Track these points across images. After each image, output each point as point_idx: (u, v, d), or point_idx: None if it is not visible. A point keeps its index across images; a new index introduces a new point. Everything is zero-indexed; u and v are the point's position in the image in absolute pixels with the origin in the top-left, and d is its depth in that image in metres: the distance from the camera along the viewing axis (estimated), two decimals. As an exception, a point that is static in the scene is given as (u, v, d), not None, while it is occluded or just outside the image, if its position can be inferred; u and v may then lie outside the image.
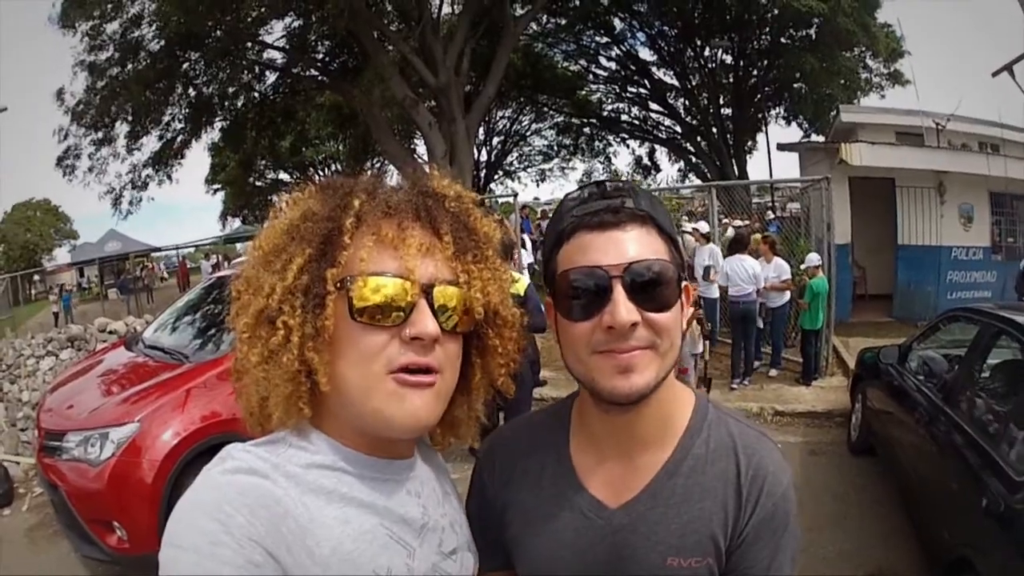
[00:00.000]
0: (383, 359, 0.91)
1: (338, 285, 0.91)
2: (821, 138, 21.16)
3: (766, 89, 26.75)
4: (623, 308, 0.98)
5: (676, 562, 1.06)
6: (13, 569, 5.38)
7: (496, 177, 35.24)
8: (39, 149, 32.66)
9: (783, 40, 23.41)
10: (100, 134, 20.04)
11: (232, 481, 0.83)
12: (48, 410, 5.37)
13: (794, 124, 28.05)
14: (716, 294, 9.78)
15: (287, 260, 0.93)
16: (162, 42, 18.07)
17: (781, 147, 19.23)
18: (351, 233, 0.93)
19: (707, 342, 8.64)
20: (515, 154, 36.42)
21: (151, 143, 21.27)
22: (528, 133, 35.12)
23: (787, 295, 9.27)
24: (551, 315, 1.12)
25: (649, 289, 1.01)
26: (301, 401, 0.93)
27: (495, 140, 34.33)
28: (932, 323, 6.01)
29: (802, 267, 9.24)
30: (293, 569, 0.81)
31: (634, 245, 1.02)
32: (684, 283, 1.09)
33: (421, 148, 23.79)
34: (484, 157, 33.56)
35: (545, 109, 32.38)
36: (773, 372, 9.46)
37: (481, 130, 28.45)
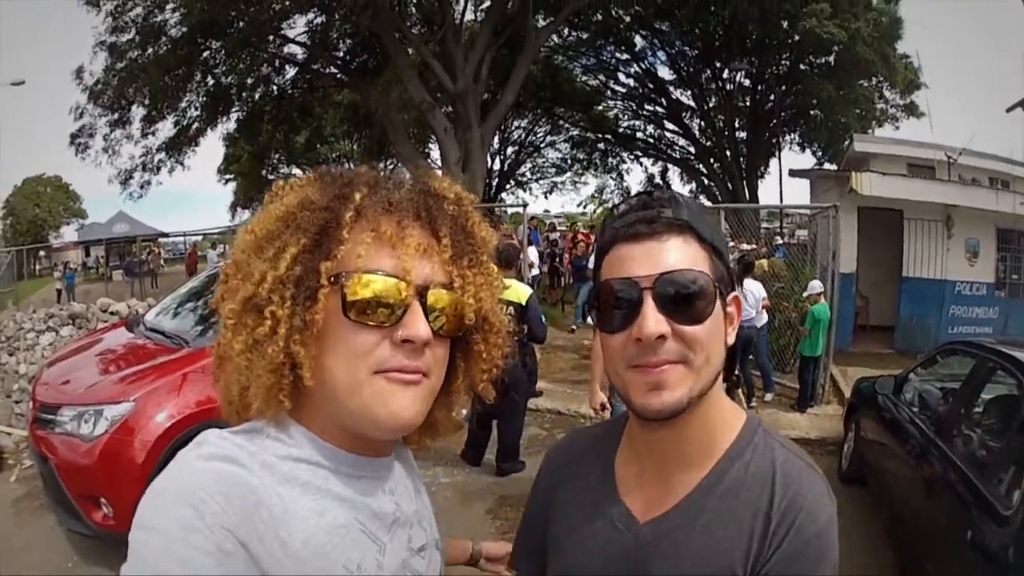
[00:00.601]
0: (372, 359, 0.90)
1: (332, 279, 0.89)
2: (834, 166, 21.19)
3: (782, 114, 26.79)
4: (651, 320, 0.98)
5: None
6: (-3, 538, 5.39)
7: (508, 186, 35.32)
8: (54, 125, 32.67)
9: (802, 66, 23.51)
10: (116, 115, 20.13)
11: (207, 468, 0.82)
12: (44, 383, 5.39)
13: (808, 151, 28.15)
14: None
15: (280, 248, 0.91)
16: (184, 28, 18.12)
17: (793, 173, 19.31)
18: (350, 227, 0.91)
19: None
20: (528, 165, 36.49)
21: (166, 128, 21.39)
22: (543, 145, 35.22)
23: (765, 316, 9.26)
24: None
25: (681, 301, 0.99)
26: (282, 393, 0.91)
27: (509, 150, 34.40)
28: (929, 355, 6.00)
29: (804, 294, 9.23)
30: (264, 559, 0.80)
31: (668, 255, 1.01)
32: (732, 295, 1.08)
33: (435, 153, 23.86)
34: (497, 166, 33.64)
35: (561, 122, 32.47)
36: (768, 396, 9.42)
37: (496, 139, 28.50)
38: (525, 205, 14.35)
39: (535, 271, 15.68)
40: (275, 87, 23.02)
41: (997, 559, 3.10)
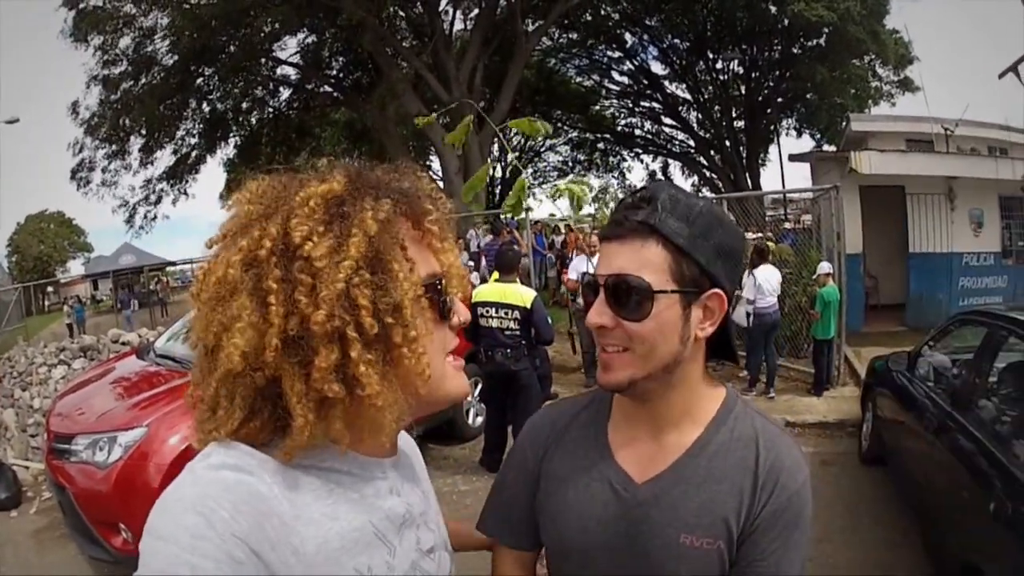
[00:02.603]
0: (446, 348, 1.01)
1: (427, 289, 0.97)
2: (833, 148, 21.13)
3: (778, 100, 26.79)
4: (594, 311, 1.14)
5: (689, 540, 1.12)
6: (17, 569, 5.43)
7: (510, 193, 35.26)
8: (52, 161, 33.09)
9: (794, 50, 23.50)
10: (114, 147, 20.27)
11: (216, 477, 0.83)
12: (58, 414, 5.42)
13: (806, 135, 28.20)
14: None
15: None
16: (175, 56, 18.29)
17: (792, 158, 19.19)
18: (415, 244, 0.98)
19: None
20: (530, 170, 36.49)
21: (165, 158, 21.54)
22: (543, 149, 35.24)
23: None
24: None
25: (623, 299, 1.11)
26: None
27: (509, 157, 34.38)
28: (942, 327, 5.92)
29: (813, 276, 9.18)
30: (277, 566, 0.81)
31: (620, 258, 1.12)
32: (710, 292, 1.15)
33: (436, 165, 23.97)
34: (499, 173, 33.70)
35: (559, 125, 32.51)
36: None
37: (495, 147, 28.58)
38: (528, 210, 14.37)
39: (550, 272, 15.90)
40: (271, 110, 23.22)
41: (1019, 527, 3.06)
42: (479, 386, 7.16)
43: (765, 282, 8.72)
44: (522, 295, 6.08)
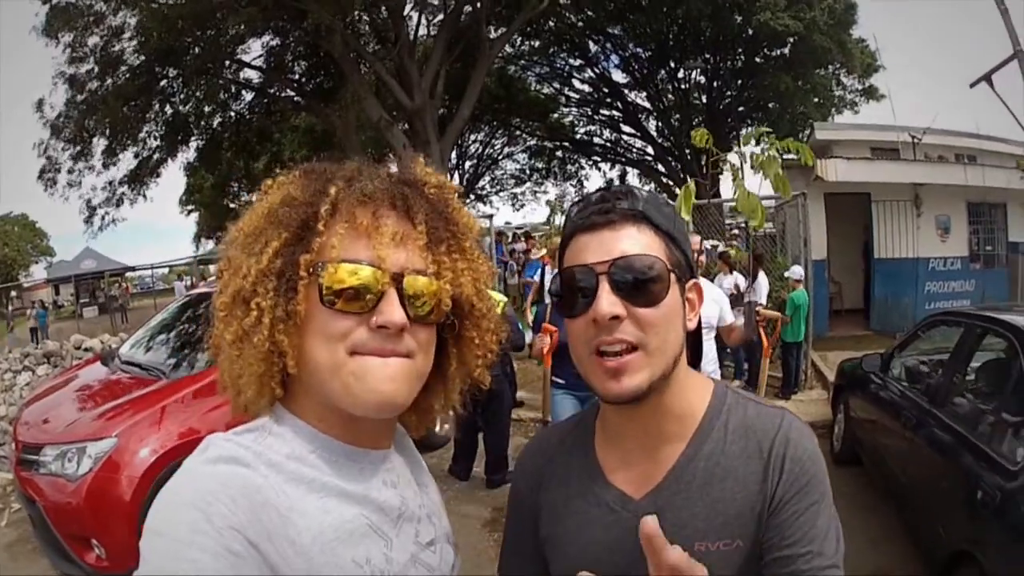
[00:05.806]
0: (349, 342, 0.92)
1: (310, 271, 0.92)
2: (795, 156, 21.47)
3: (739, 108, 27.10)
4: (605, 301, 1.02)
5: (704, 547, 1.05)
6: (-11, 581, 5.27)
7: (468, 201, 35.19)
8: (16, 162, 32.46)
9: (757, 59, 23.85)
10: (78, 148, 19.97)
11: (213, 471, 0.83)
12: (25, 423, 5.29)
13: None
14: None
15: (264, 243, 0.94)
16: (142, 57, 18.11)
17: (755, 166, 19.46)
18: (326, 220, 0.93)
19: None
20: (487, 178, 36.55)
21: (127, 161, 21.23)
22: (500, 157, 35.32)
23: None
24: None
25: (634, 284, 1.04)
26: (273, 381, 0.94)
27: (467, 164, 34.45)
28: (913, 330, 6.08)
29: (786, 275, 9.33)
30: (275, 558, 0.81)
31: (622, 242, 1.06)
32: (692, 281, 1.13)
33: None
34: (456, 181, 33.63)
35: (518, 132, 32.61)
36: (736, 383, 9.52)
37: (453, 154, 28.57)
38: (490, 217, 14.38)
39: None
40: (232, 113, 22.98)
41: (1008, 512, 3.23)
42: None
43: (761, 287, 9.00)
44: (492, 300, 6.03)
